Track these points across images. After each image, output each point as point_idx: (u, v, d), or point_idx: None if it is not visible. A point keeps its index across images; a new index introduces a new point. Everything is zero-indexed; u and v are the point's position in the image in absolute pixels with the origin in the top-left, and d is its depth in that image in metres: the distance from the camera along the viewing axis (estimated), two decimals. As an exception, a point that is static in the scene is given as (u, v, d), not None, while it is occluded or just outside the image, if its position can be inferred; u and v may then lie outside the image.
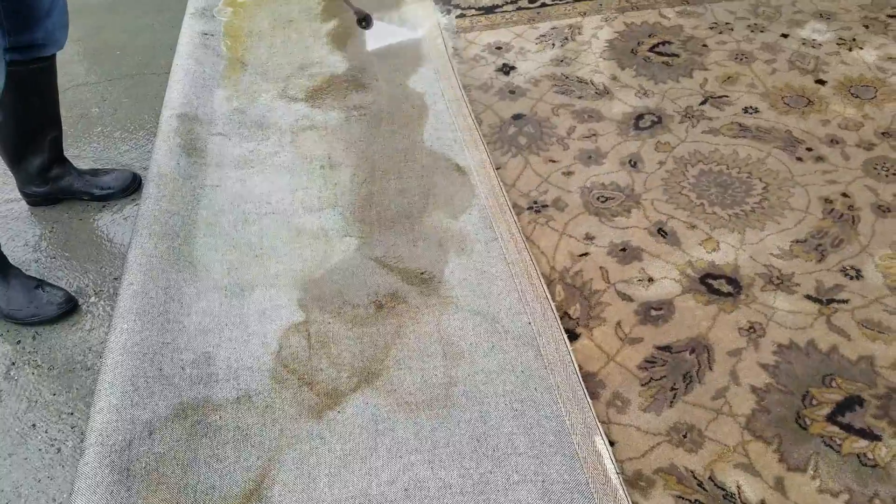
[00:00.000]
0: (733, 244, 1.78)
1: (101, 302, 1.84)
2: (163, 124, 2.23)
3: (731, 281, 1.70)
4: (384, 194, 2.01)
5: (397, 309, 1.69)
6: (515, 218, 1.88)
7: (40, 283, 1.81)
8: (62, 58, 2.04)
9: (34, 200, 2.11)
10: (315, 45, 2.65)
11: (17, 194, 2.11)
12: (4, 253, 1.83)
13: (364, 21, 2.26)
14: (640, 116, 2.19)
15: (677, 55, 2.43)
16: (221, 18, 2.78)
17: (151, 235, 1.86)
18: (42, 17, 1.76)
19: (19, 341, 1.76)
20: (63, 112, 2.07)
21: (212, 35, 2.69)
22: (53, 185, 2.08)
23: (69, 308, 1.80)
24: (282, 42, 2.69)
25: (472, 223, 1.89)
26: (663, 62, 2.40)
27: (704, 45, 2.45)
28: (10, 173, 2.08)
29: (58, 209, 2.11)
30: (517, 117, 2.25)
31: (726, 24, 2.54)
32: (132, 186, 2.13)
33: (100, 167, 2.21)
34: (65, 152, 2.09)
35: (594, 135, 2.15)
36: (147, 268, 1.78)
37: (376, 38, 2.18)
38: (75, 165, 2.12)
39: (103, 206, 2.11)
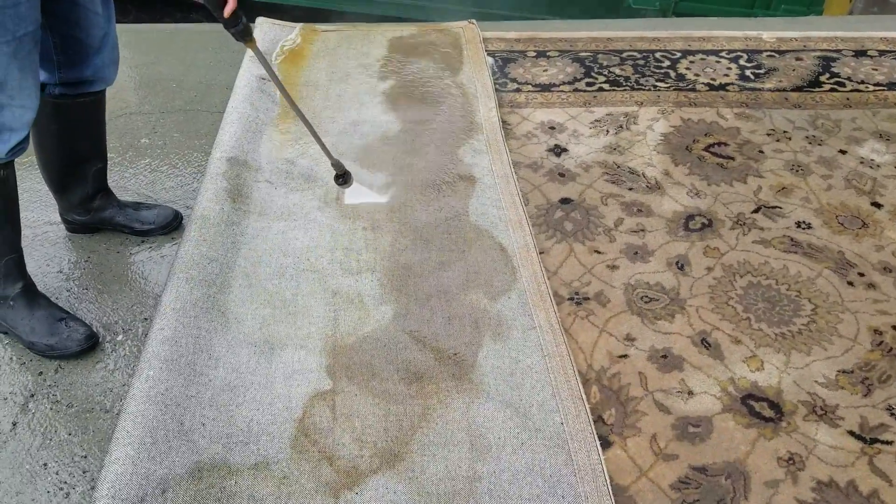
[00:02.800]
0: (778, 366, 1.73)
1: (129, 342, 1.81)
2: (211, 166, 2.23)
3: (774, 405, 1.64)
4: (424, 265, 1.98)
5: (426, 390, 1.65)
6: (555, 308, 1.85)
7: (65, 317, 1.79)
8: (117, 84, 2.05)
9: (73, 227, 2.12)
10: (370, 102, 2.66)
11: (58, 218, 2.11)
12: (35, 278, 1.82)
13: (342, 178, 2.19)
14: (690, 217, 2.16)
15: (732, 158, 2.41)
16: (276, 69, 2.80)
17: (188, 280, 1.84)
18: (92, 53, 1.76)
19: (41, 373, 1.73)
20: (113, 140, 2.08)
21: (269, 80, 2.71)
22: (94, 216, 2.08)
23: (88, 346, 1.78)
24: (337, 95, 2.70)
25: (511, 308, 1.85)
26: (718, 163, 2.38)
27: (761, 152, 2.43)
28: (53, 197, 2.07)
29: (95, 239, 2.10)
30: (565, 202, 2.23)
31: (784, 132, 2.53)
32: (173, 224, 2.13)
33: (142, 201, 2.21)
34: (109, 181, 2.10)
35: (642, 230, 2.12)
36: (180, 314, 1.75)
37: (353, 195, 2.20)
38: (118, 197, 2.12)
39: (142, 241, 2.10)
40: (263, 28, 2.99)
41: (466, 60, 2.89)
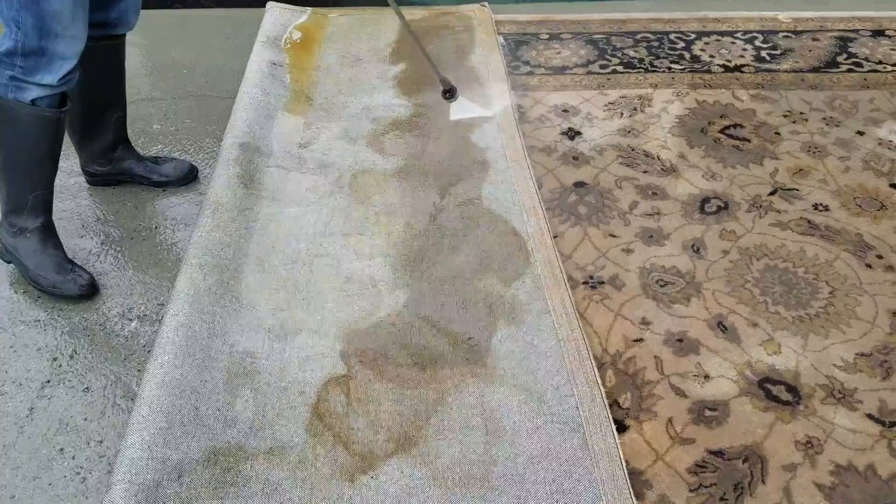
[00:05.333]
0: (795, 349, 1.71)
1: (143, 329, 1.81)
2: (223, 152, 2.22)
3: (791, 389, 1.63)
4: (437, 250, 1.97)
5: (441, 374, 1.64)
6: (570, 292, 1.83)
7: (72, 263, 1.90)
8: (128, 70, 2.08)
9: (94, 179, 2.21)
10: (381, 87, 2.64)
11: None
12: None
13: (449, 93, 2.35)
14: (706, 200, 2.14)
15: (748, 140, 2.38)
16: (287, 54, 2.78)
17: (201, 266, 1.84)
18: None
19: (56, 358, 1.74)
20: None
21: (280, 66, 2.70)
22: (115, 166, 2.18)
23: (89, 292, 1.87)
24: (348, 80, 2.68)
25: (525, 292, 1.84)
26: (734, 146, 2.35)
27: (777, 133, 2.40)
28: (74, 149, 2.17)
29: (119, 195, 2.19)
30: (579, 185, 2.21)
31: (801, 113, 2.49)
32: (189, 176, 2.25)
33: (160, 155, 2.31)
34: None
35: (657, 213, 2.10)
36: (194, 299, 1.75)
37: (459, 110, 2.31)
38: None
39: (160, 195, 2.20)
40: (273, 12, 2.98)
41: (478, 43, 2.87)
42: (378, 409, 1.57)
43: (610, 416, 1.54)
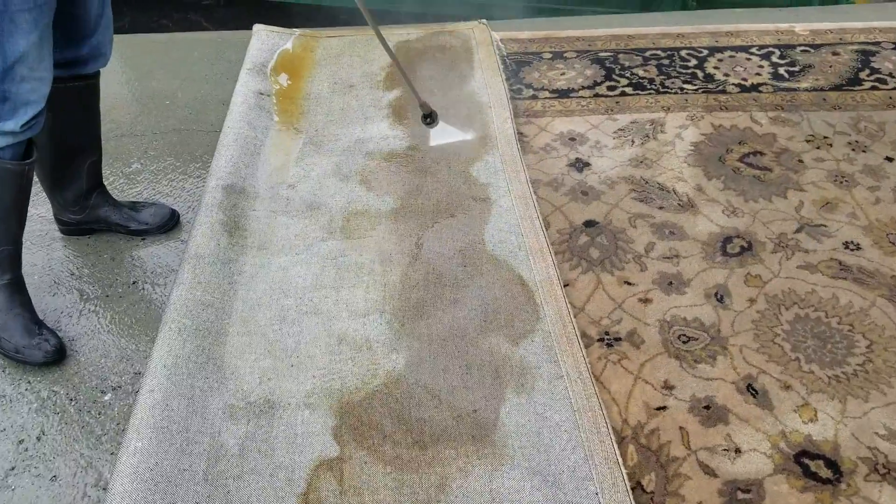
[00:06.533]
0: (833, 415, 1.55)
1: (117, 401, 1.66)
2: (206, 195, 2.06)
3: (831, 464, 1.47)
4: (437, 304, 1.81)
5: (444, 454, 1.49)
6: (584, 352, 1.67)
7: (40, 324, 1.75)
8: (107, 103, 1.96)
9: (68, 228, 2.06)
10: (375, 116, 2.48)
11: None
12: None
13: (429, 118, 2.20)
14: (727, 239, 1.98)
15: (770, 169, 2.21)
16: (274, 82, 2.62)
17: (181, 331, 1.68)
18: (90, 31, 1.73)
19: (22, 441, 1.59)
20: (104, 167, 1.99)
21: (267, 95, 2.53)
22: (90, 214, 2.02)
23: (55, 359, 1.73)
24: (340, 109, 2.52)
25: (535, 352, 1.68)
26: (754, 176, 2.19)
27: (800, 161, 2.24)
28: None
29: (94, 245, 2.04)
30: (590, 224, 2.05)
31: (824, 137, 2.33)
32: (170, 223, 2.10)
33: (138, 200, 2.16)
34: None
35: (676, 256, 1.94)
36: (172, 371, 1.60)
37: (438, 135, 2.19)
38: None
39: (139, 245, 2.04)
40: (260, 36, 2.81)
41: (478, 66, 2.70)
42: (375, 498, 1.42)
43: (633, 502, 1.38)
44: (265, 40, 2.80)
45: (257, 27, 2.87)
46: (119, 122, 2.52)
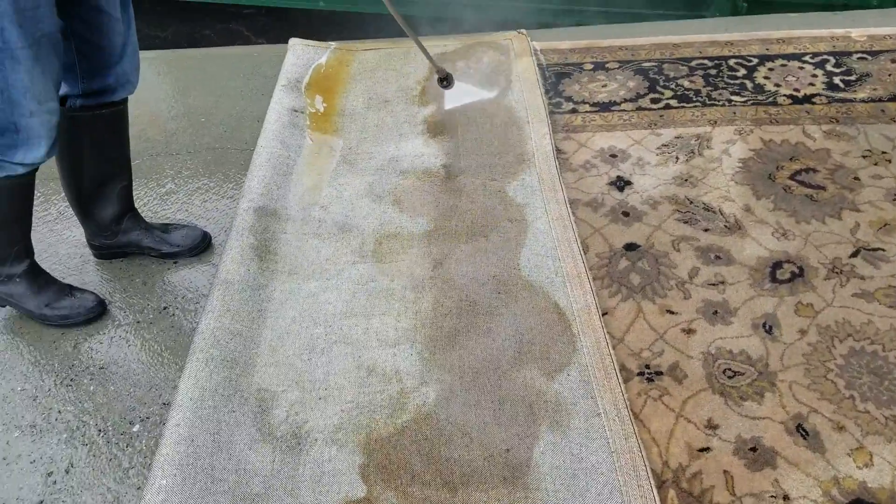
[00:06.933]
0: (890, 460, 1.45)
1: (145, 433, 1.64)
2: (238, 219, 2.04)
3: (890, 515, 1.37)
4: (470, 333, 1.75)
5: (474, 498, 1.42)
6: (623, 388, 1.60)
7: (70, 288, 1.89)
8: (142, 121, 1.94)
9: (100, 253, 2.07)
10: (410, 132, 2.43)
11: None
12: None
13: (445, 80, 2.25)
14: (777, 264, 1.88)
15: (823, 188, 2.09)
16: (308, 99, 2.58)
17: (208, 362, 1.65)
18: (115, 60, 1.73)
19: (51, 473, 1.57)
20: (136, 187, 1.98)
21: (301, 112, 2.50)
22: (122, 238, 2.03)
23: (99, 312, 1.89)
24: (375, 126, 2.48)
25: (571, 387, 1.61)
26: (807, 195, 2.07)
27: (856, 178, 2.12)
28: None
29: (126, 269, 2.05)
30: (630, 248, 1.97)
31: (882, 153, 2.20)
32: (201, 245, 2.09)
33: (170, 222, 2.16)
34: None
35: (722, 282, 1.84)
36: (198, 405, 1.57)
37: (453, 98, 2.29)
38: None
39: (171, 268, 2.02)
40: (296, 51, 2.79)
41: (516, 79, 2.63)
42: (402, 543, 1.37)
43: (673, 556, 1.31)
44: (300, 55, 2.77)
45: (293, 41, 2.85)
46: (154, 140, 2.51)
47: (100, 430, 1.65)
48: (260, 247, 1.98)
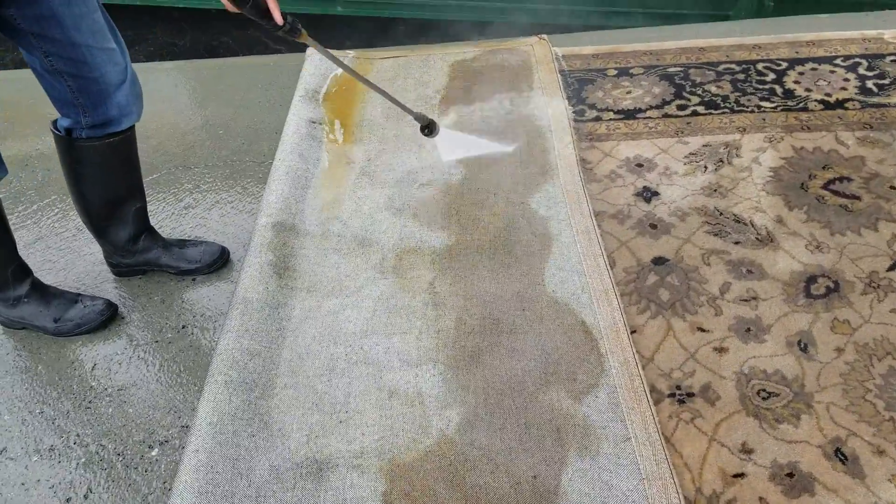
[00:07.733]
0: (937, 487, 1.39)
1: (164, 458, 1.61)
2: (256, 235, 2.01)
3: (938, 547, 1.30)
4: (494, 352, 1.71)
5: (501, 527, 1.38)
6: (654, 410, 1.54)
7: (78, 297, 1.91)
8: (160, 134, 1.91)
9: (119, 270, 2.07)
10: (429, 142, 2.38)
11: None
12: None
13: (427, 129, 2.06)
14: (811, 279, 1.81)
15: (858, 197, 2.02)
16: (326, 110, 2.54)
17: (227, 385, 1.62)
18: (112, 91, 1.69)
19: (70, 499, 1.55)
20: (153, 205, 1.96)
21: (319, 124, 2.47)
22: (139, 257, 2.01)
23: (110, 313, 1.91)
24: (394, 136, 2.43)
25: (599, 410, 1.56)
26: (841, 205, 2.00)
27: (892, 187, 2.04)
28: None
29: (145, 287, 2.02)
30: (659, 262, 1.91)
31: (920, 160, 2.12)
32: (219, 261, 2.06)
33: (187, 238, 2.13)
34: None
35: (754, 298, 1.78)
36: (217, 430, 1.54)
37: (449, 147, 2.12)
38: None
39: (189, 285, 1.98)
40: (313, 60, 2.75)
41: (537, 86, 2.58)
42: (426, 576, 1.32)
43: (709, 591, 1.25)
44: (318, 64, 2.74)
45: (310, 50, 2.81)
46: (172, 153, 2.49)
47: (118, 454, 1.63)
48: (278, 263, 1.94)
